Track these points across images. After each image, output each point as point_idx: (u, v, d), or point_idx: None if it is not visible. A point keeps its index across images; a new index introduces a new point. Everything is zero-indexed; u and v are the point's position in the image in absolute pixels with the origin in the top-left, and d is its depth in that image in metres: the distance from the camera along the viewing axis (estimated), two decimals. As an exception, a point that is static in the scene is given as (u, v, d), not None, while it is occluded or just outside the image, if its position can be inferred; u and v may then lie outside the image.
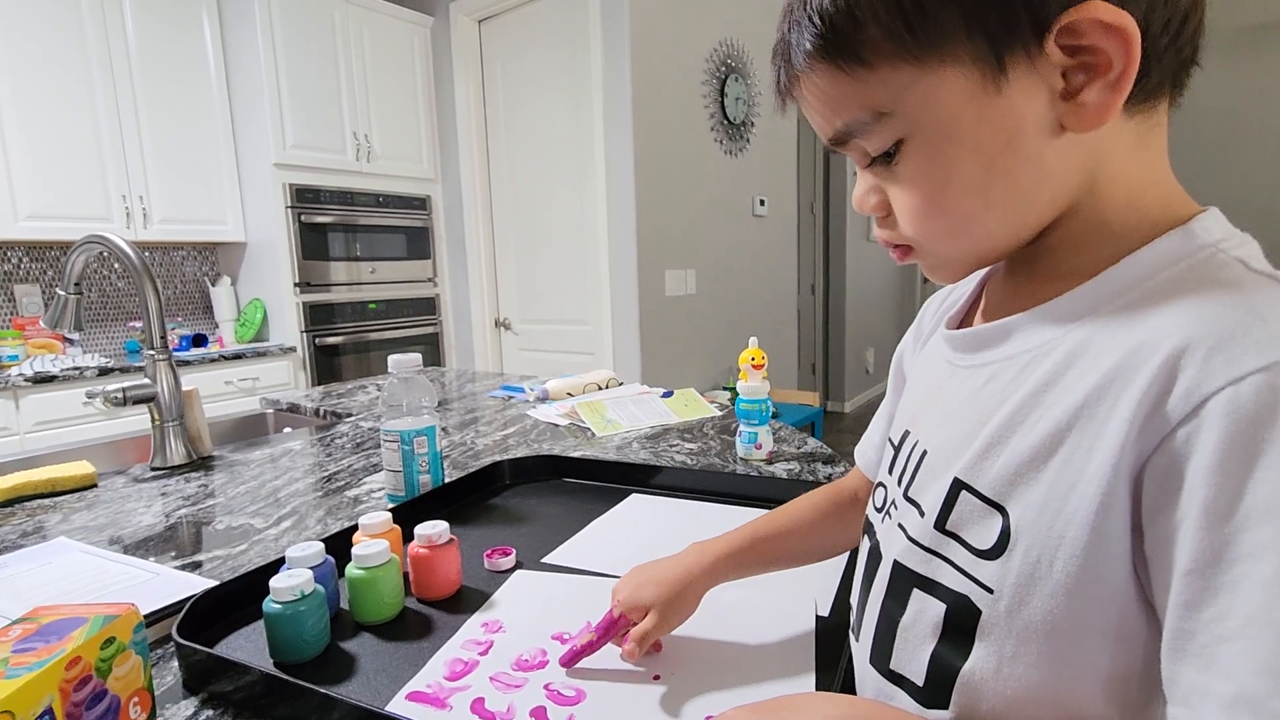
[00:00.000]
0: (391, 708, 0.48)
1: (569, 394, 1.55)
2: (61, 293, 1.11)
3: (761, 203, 3.43)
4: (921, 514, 0.39)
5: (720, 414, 1.35)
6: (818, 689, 0.50)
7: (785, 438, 1.13)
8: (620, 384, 1.64)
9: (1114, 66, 0.31)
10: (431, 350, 3.40)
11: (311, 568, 0.59)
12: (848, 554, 0.68)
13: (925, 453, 0.41)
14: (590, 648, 0.53)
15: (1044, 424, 0.33)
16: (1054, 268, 0.37)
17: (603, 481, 0.98)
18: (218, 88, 2.82)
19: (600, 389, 1.59)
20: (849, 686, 0.47)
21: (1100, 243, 0.35)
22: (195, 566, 0.74)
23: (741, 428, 1.04)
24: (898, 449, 0.45)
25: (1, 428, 2.17)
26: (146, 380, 1.13)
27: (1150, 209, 0.35)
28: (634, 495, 0.92)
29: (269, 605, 0.54)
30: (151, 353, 1.13)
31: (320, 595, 0.56)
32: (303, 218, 2.85)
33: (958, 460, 0.37)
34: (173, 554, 0.78)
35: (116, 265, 2.82)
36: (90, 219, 2.47)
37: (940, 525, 0.37)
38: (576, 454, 1.07)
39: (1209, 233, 0.33)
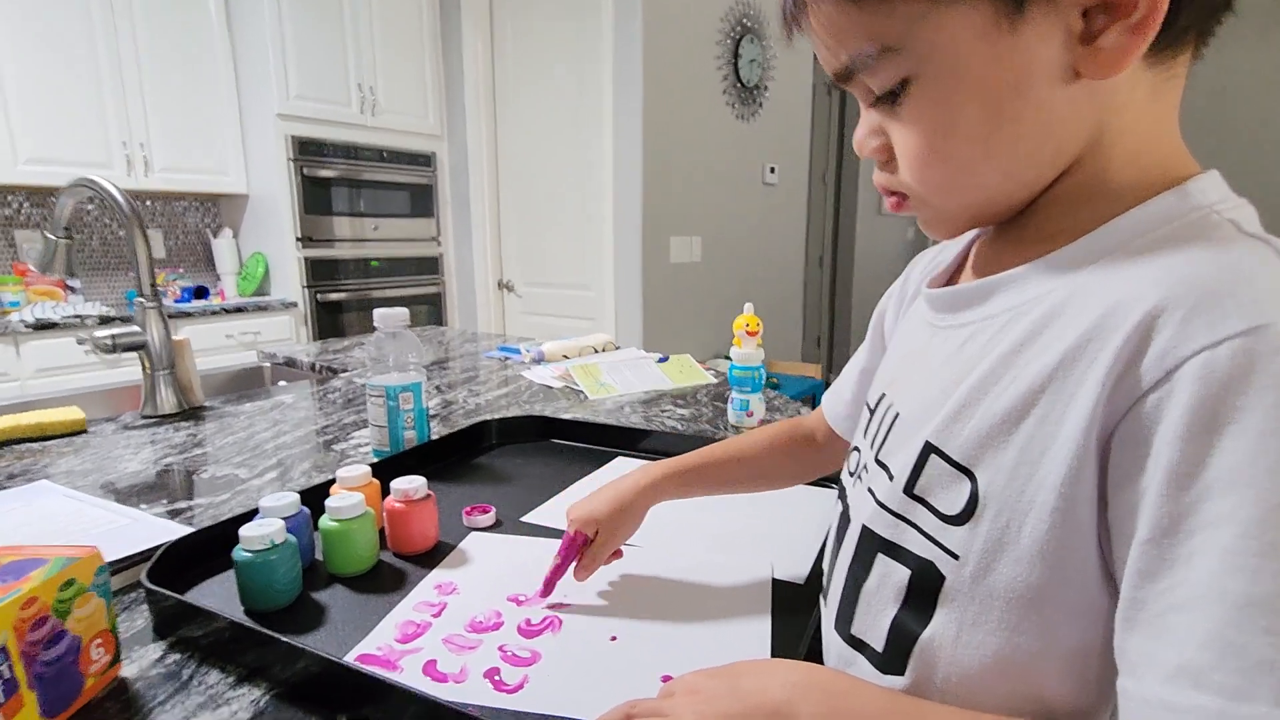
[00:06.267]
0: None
1: (565, 356, 1.53)
2: (51, 236, 1.10)
3: (772, 170, 3.36)
4: (890, 478, 0.38)
5: (715, 381, 1.34)
6: (775, 651, 0.50)
7: (779, 406, 1.12)
8: (617, 348, 1.62)
9: (1139, 7, 0.28)
10: (434, 310, 3.38)
11: (285, 518, 0.58)
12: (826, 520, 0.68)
13: (898, 415, 0.40)
14: (558, 571, 0.56)
15: (1017, 386, 0.32)
16: (1044, 227, 0.35)
17: (591, 444, 0.97)
18: (219, 33, 2.75)
19: (596, 352, 1.57)
20: (816, 650, 0.46)
21: (1094, 202, 0.33)
22: (177, 514, 0.74)
23: (734, 394, 1.03)
24: (873, 412, 0.44)
25: (2, 373, 2.18)
26: (136, 328, 1.12)
27: (1150, 169, 0.33)
28: (619, 458, 0.91)
29: (239, 553, 0.54)
30: (141, 300, 1.12)
31: (292, 545, 0.56)
32: (305, 171, 2.82)
33: (929, 423, 0.35)
34: (157, 500, 0.78)
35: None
36: (90, 165, 2.44)
37: (909, 489, 0.36)
38: (567, 416, 1.06)
39: (1205, 194, 0.32)
